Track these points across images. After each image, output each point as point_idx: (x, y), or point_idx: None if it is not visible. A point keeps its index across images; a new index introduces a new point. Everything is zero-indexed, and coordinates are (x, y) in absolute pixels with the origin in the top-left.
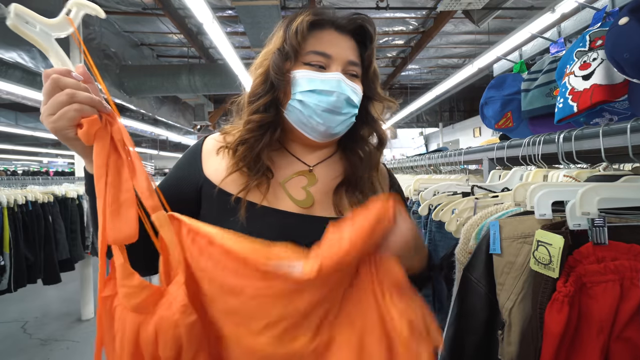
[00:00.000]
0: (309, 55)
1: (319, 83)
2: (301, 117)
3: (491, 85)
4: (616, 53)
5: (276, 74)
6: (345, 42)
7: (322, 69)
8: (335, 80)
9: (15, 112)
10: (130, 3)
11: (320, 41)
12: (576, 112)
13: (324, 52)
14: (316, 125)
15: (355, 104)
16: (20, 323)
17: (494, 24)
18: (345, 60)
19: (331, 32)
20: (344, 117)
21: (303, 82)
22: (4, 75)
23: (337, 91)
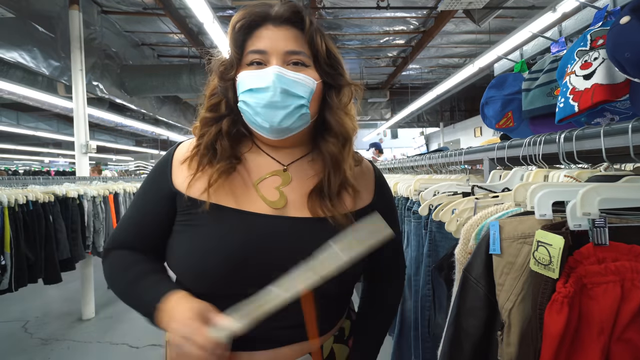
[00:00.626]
0: (248, 56)
1: (254, 80)
2: (249, 117)
3: (492, 85)
4: (617, 52)
5: (220, 83)
6: (283, 33)
7: (262, 65)
8: (270, 74)
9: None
10: (131, 3)
11: (257, 39)
12: (577, 111)
13: (258, 49)
14: (261, 123)
15: (299, 94)
16: (21, 322)
17: (494, 24)
18: (283, 51)
19: (268, 28)
20: (287, 110)
21: (242, 82)
22: (5, 75)
23: (272, 85)
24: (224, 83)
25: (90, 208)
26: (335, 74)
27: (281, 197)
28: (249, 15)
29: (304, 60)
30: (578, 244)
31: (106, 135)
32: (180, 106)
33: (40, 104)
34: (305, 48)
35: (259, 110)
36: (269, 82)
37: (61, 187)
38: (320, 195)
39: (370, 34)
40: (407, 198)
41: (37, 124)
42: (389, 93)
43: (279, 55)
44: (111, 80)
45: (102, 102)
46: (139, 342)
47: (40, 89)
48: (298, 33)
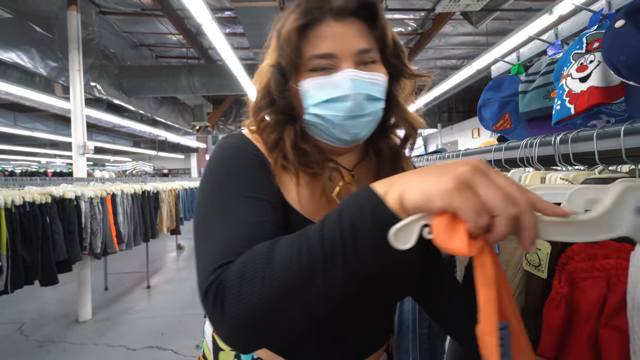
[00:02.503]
0: (312, 61)
1: (329, 90)
2: (322, 129)
3: (489, 87)
4: (613, 55)
5: (279, 94)
6: (349, 30)
7: (331, 69)
8: (346, 79)
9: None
10: (129, 4)
11: (319, 40)
12: (573, 114)
13: (325, 53)
14: (340, 135)
15: (378, 97)
16: (17, 324)
17: (492, 26)
18: (354, 52)
19: (329, 24)
20: (369, 117)
21: (312, 92)
22: (3, 76)
23: (352, 93)
24: (282, 94)
25: (88, 209)
26: (400, 65)
27: None
28: (308, 12)
29: (374, 57)
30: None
31: (104, 136)
32: (178, 107)
33: (37, 105)
34: (373, 43)
35: (338, 123)
36: (347, 90)
37: (58, 188)
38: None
39: None
40: None
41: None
42: None
43: (350, 56)
44: (109, 81)
45: (100, 103)
46: (136, 344)
47: (37, 90)
48: (363, 25)
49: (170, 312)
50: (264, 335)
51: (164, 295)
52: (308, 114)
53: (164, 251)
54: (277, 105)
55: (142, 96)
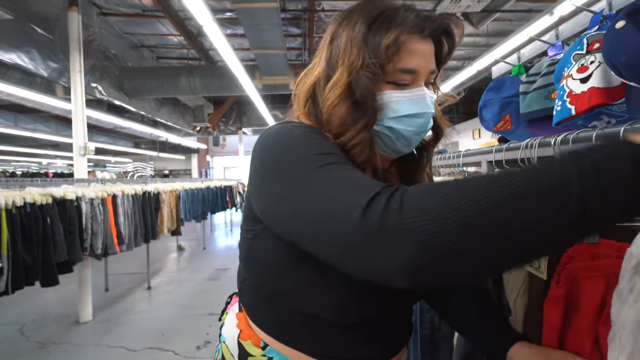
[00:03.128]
0: (396, 74)
1: (409, 106)
2: (387, 141)
3: (489, 88)
4: (613, 56)
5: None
6: (428, 49)
7: (407, 85)
8: (424, 98)
9: (15, 113)
10: (130, 5)
11: (409, 55)
12: (574, 115)
13: (411, 68)
14: (402, 148)
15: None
16: (17, 326)
17: (492, 27)
18: (429, 71)
19: (417, 41)
20: (427, 132)
21: (393, 106)
22: (4, 77)
23: (426, 111)
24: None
25: (88, 210)
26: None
27: None
28: (410, 27)
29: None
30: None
31: (104, 136)
32: (179, 108)
33: (38, 106)
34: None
35: (407, 137)
36: (424, 109)
37: (59, 189)
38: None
39: None
40: None
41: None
42: None
43: (425, 75)
44: (110, 82)
45: (100, 104)
46: (137, 345)
47: (38, 91)
48: (433, 48)
49: (171, 313)
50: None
51: (164, 296)
52: (381, 125)
53: (164, 252)
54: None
55: (143, 97)
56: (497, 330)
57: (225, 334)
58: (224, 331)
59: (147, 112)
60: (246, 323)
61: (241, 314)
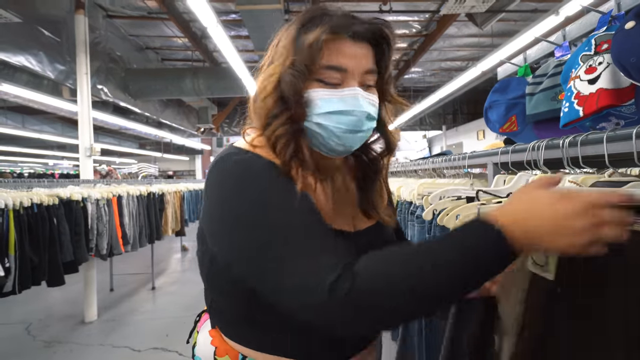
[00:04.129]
0: (324, 71)
1: (336, 103)
2: (319, 138)
3: (495, 89)
4: (623, 57)
5: (293, 96)
6: (361, 51)
7: (338, 85)
8: (354, 97)
9: (22, 115)
10: (135, 7)
11: (335, 53)
12: (582, 116)
13: (339, 66)
14: (335, 146)
15: (375, 116)
16: (24, 325)
17: (497, 27)
18: (362, 71)
19: (346, 42)
20: (364, 133)
21: (319, 103)
22: (12, 79)
23: (357, 109)
24: (296, 97)
25: (94, 211)
26: (388, 90)
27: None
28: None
29: (373, 80)
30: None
31: (110, 138)
32: (183, 109)
33: (45, 107)
34: (374, 68)
35: (338, 134)
36: (354, 106)
37: (65, 190)
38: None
39: None
40: (411, 202)
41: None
42: None
43: (358, 75)
44: (115, 84)
45: (106, 106)
46: (141, 345)
47: (45, 93)
48: (372, 51)
49: (175, 313)
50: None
51: (168, 296)
52: (310, 122)
53: (168, 252)
54: (292, 110)
55: (148, 99)
56: None
57: (199, 353)
58: (197, 351)
59: (152, 113)
60: (221, 339)
61: (214, 330)
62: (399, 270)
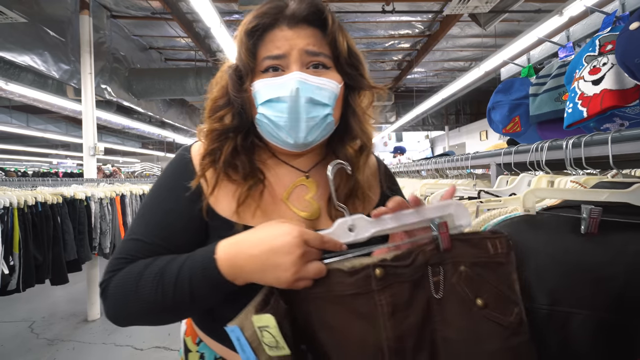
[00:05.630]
0: (264, 62)
1: (273, 90)
2: (269, 130)
3: (499, 90)
4: (627, 58)
5: (235, 94)
6: (300, 35)
7: (282, 72)
8: (291, 81)
9: (27, 114)
10: (140, 8)
11: (271, 43)
12: (586, 117)
13: (274, 54)
14: (285, 138)
15: (324, 102)
16: (27, 323)
17: (500, 27)
18: (302, 52)
19: (282, 29)
20: (313, 121)
21: (260, 93)
22: (17, 79)
23: (295, 95)
24: (238, 94)
25: (98, 210)
26: (357, 75)
27: (314, 208)
28: (261, 16)
29: (325, 62)
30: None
31: (113, 137)
32: (186, 109)
33: (49, 107)
34: (325, 49)
35: (282, 125)
36: (291, 91)
37: (69, 189)
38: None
39: (376, 38)
40: None
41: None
42: (394, 96)
43: (298, 58)
44: (119, 84)
45: (110, 105)
46: (143, 344)
47: (50, 92)
48: (316, 32)
49: None
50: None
51: None
52: (258, 114)
53: None
54: (233, 105)
55: (151, 98)
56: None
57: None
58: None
59: (155, 113)
60: (191, 321)
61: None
62: (134, 275)
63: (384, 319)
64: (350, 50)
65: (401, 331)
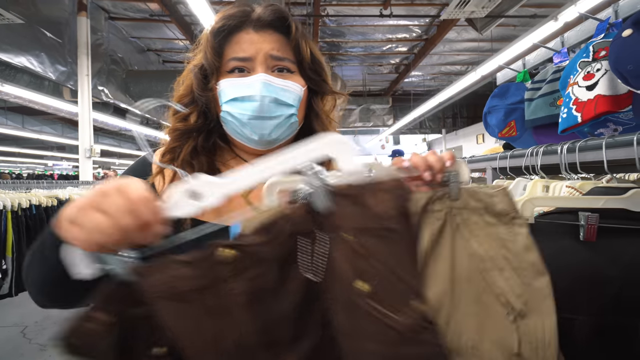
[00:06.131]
0: (230, 63)
1: (240, 89)
2: (234, 127)
3: (494, 94)
4: (620, 65)
5: (199, 92)
6: (265, 39)
7: (247, 73)
8: (257, 82)
9: (22, 115)
10: (138, 10)
11: (238, 45)
12: (580, 122)
13: (241, 56)
14: (249, 135)
15: (289, 103)
16: (20, 327)
17: (497, 32)
18: (267, 56)
19: (248, 32)
20: (277, 120)
21: (226, 90)
22: (13, 80)
23: (260, 94)
24: (203, 92)
25: None
26: (319, 80)
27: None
28: (228, 18)
29: (289, 67)
30: None
31: (110, 139)
32: None
33: (45, 108)
34: (289, 54)
35: (245, 122)
36: (256, 91)
37: (64, 192)
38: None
39: (373, 42)
40: None
41: (42, 127)
42: (391, 99)
43: (263, 60)
44: (116, 85)
45: (106, 107)
46: None
47: (45, 93)
48: (281, 38)
49: None
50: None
51: None
52: (222, 111)
53: None
54: (197, 104)
55: None
56: None
57: None
58: None
59: (152, 114)
60: None
61: None
62: (30, 253)
63: (239, 312)
64: (313, 56)
65: (268, 322)
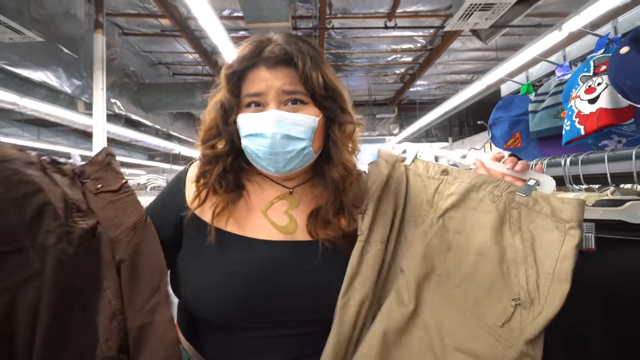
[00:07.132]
0: (246, 99)
1: (253, 126)
2: (253, 159)
3: (499, 106)
4: (619, 80)
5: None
6: (277, 75)
7: (261, 108)
8: (268, 119)
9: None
10: (150, 25)
11: (251, 82)
12: (583, 134)
13: (253, 92)
14: (266, 166)
15: (300, 137)
16: None
17: (501, 41)
18: (279, 91)
19: (261, 69)
20: (290, 154)
21: (242, 126)
22: (31, 94)
23: (271, 132)
24: (226, 126)
25: None
26: (335, 107)
27: (291, 221)
28: (240, 61)
29: (302, 98)
30: None
31: (120, 149)
32: (192, 122)
33: (60, 120)
34: (300, 87)
35: (261, 156)
36: (268, 129)
37: None
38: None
39: (378, 52)
40: None
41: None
42: (397, 109)
43: (275, 97)
44: (128, 98)
45: (118, 118)
46: None
47: (61, 106)
48: (292, 72)
49: None
50: None
51: None
52: (243, 144)
53: None
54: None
55: (159, 112)
56: None
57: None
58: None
59: (162, 126)
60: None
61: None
62: None
63: None
64: (327, 85)
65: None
